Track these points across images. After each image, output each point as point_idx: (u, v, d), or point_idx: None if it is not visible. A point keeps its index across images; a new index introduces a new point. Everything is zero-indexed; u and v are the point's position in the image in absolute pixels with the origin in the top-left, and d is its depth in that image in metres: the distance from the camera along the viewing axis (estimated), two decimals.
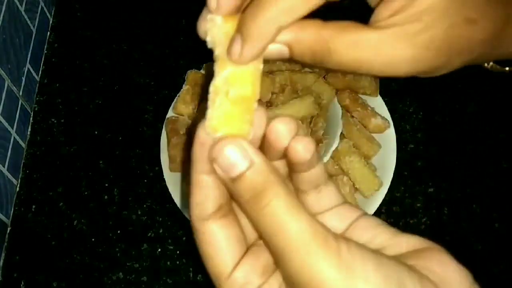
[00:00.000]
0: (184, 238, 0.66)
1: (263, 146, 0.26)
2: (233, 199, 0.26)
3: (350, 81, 0.69)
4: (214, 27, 0.25)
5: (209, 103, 0.25)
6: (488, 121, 0.72)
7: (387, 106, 0.69)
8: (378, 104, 0.69)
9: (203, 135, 0.25)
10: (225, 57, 0.25)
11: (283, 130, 0.25)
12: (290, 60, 0.26)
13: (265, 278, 0.25)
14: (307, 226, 0.23)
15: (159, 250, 0.66)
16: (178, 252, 0.66)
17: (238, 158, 0.24)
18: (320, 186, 0.28)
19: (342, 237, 0.23)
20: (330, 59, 0.26)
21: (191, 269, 0.64)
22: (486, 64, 0.36)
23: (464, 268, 0.25)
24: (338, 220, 0.28)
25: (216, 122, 0.25)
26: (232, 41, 0.25)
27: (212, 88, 0.25)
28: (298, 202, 0.24)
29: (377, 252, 0.24)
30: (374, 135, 0.67)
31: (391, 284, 0.22)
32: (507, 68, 0.36)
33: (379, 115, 0.68)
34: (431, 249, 0.25)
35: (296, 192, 0.28)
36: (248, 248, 0.26)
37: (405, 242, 0.26)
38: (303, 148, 0.25)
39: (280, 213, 0.23)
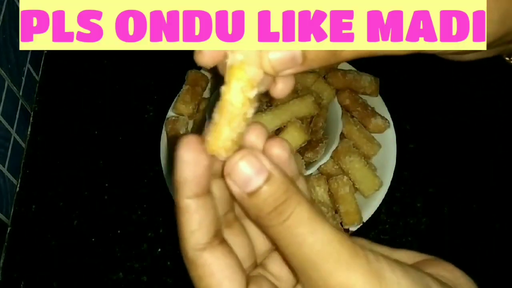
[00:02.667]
0: None
1: None
2: (247, 215, 0.25)
3: (350, 81, 0.69)
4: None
5: (219, 125, 0.24)
6: (488, 121, 0.72)
7: (387, 106, 0.69)
8: (378, 104, 0.69)
9: (193, 153, 0.23)
10: (254, 78, 0.24)
11: (253, 137, 0.25)
12: (303, 65, 0.25)
13: None
14: (334, 234, 0.22)
15: (159, 250, 0.66)
16: (178, 252, 0.65)
17: (255, 171, 0.22)
18: None
19: (366, 247, 0.23)
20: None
21: None
22: (507, 58, 0.35)
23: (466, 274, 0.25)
24: None
25: (231, 143, 0.24)
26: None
27: (229, 109, 0.24)
28: (318, 212, 0.23)
29: (398, 261, 0.23)
30: (374, 135, 0.67)
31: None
32: None
33: (379, 115, 0.68)
34: (434, 259, 0.25)
35: None
36: (247, 279, 0.25)
37: (406, 257, 0.26)
38: (278, 147, 0.25)
39: (305, 222, 0.22)
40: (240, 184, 0.23)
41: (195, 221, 0.24)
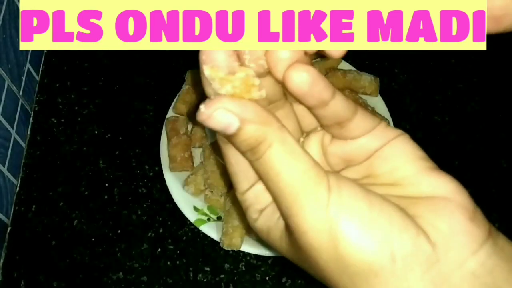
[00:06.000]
0: (184, 238, 0.66)
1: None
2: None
3: (350, 81, 0.69)
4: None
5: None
6: (488, 121, 0.72)
7: (387, 106, 0.70)
8: (378, 104, 0.70)
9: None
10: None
11: (277, 57, 0.24)
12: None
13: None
14: (302, 172, 0.24)
15: (159, 250, 0.66)
16: (178, 252, 0.66)
17: (228, 123, 0.24)
18: (344, 122, 0.26)
19: (336, 182, 0.24)
20: None
21: (191, 269, 0.64)
22: None
23: (479, 229, 0.25)
24: (371, 141, 0.27)
25: None
26: None
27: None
28: (294, 149, 0.24)
29: (369, 197, 0.24)
30: None
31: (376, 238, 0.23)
32: None
33: (379, 115, 0.68)
34: (447, 201, 0.25)
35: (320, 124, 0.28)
36: None
37: (425, 186, 0.26)
38: (297, 76, 0.24)
39: (275, 161, 0.24)
40: (217, 129, 0.24)
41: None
